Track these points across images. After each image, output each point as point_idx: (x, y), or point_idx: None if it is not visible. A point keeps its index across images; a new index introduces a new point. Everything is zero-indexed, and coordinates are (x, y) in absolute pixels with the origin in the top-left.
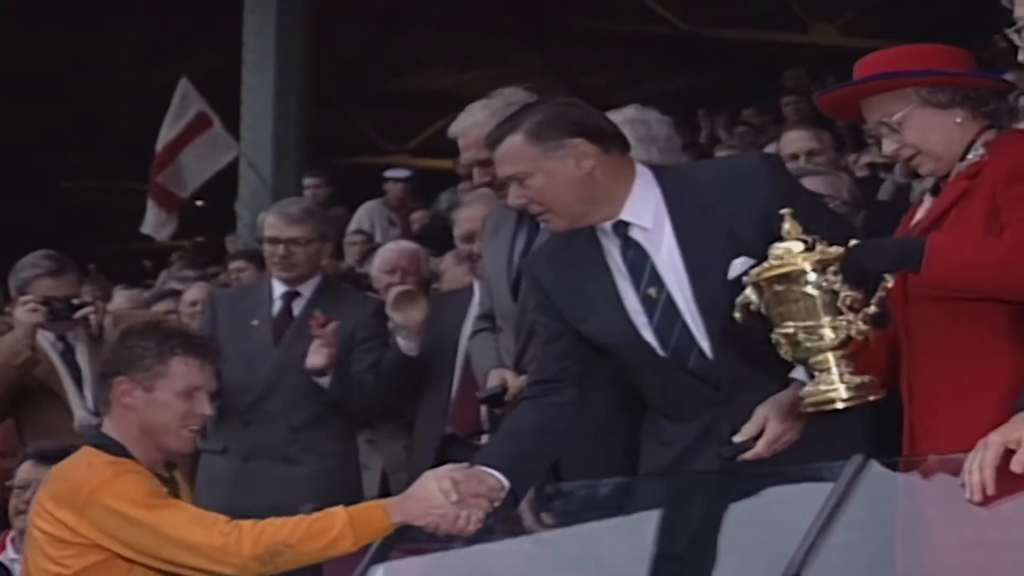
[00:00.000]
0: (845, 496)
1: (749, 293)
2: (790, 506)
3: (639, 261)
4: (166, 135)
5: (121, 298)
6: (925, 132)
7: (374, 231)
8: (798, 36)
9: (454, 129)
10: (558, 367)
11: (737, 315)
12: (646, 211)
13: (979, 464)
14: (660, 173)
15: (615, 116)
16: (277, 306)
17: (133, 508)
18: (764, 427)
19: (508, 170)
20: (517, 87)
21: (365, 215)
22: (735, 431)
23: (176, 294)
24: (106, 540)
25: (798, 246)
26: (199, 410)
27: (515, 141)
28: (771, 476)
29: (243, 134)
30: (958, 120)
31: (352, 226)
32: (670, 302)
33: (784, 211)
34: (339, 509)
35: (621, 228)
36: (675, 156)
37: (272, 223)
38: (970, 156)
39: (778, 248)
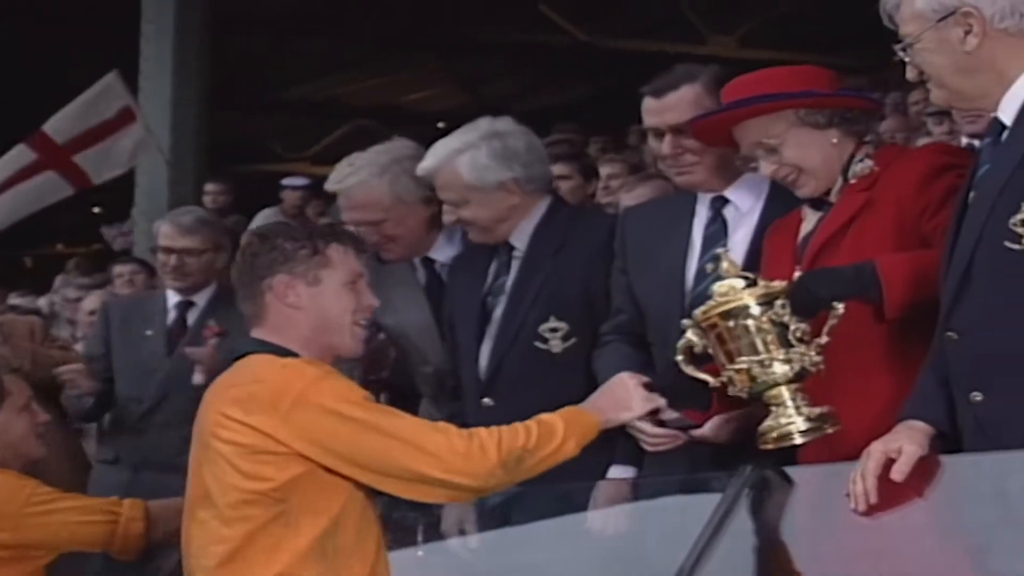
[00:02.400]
0: (734, 506)
1: (691, 336)
2: (680, 515)
3: (717, 236)
4: (80, 123)
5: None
6: (803, 151)
7: None
8: (696, 48)
9: (335, 185)
10: (627, 317)
11: (680, 358)
12: (749, 195)
13: (861, 473)
14: None
15: (467, 134)
16: (171, 316)
17: (353, 408)
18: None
19: (677, 118)
20: (402, 139)
21: (263, 223)
22: None
23: (13, 308)
24: (311, 448)
25: (740, 283)
26: (366, 301)
27: (694, 91)
28: (661, 485)
29: None
30: (834, 140)
31: None
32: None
33: (720, 251)
34: (548, 416)
35: (719, 202)
36: (542, 166)
37: (165, 232)
38: (856, 169)
39: (721, 286)
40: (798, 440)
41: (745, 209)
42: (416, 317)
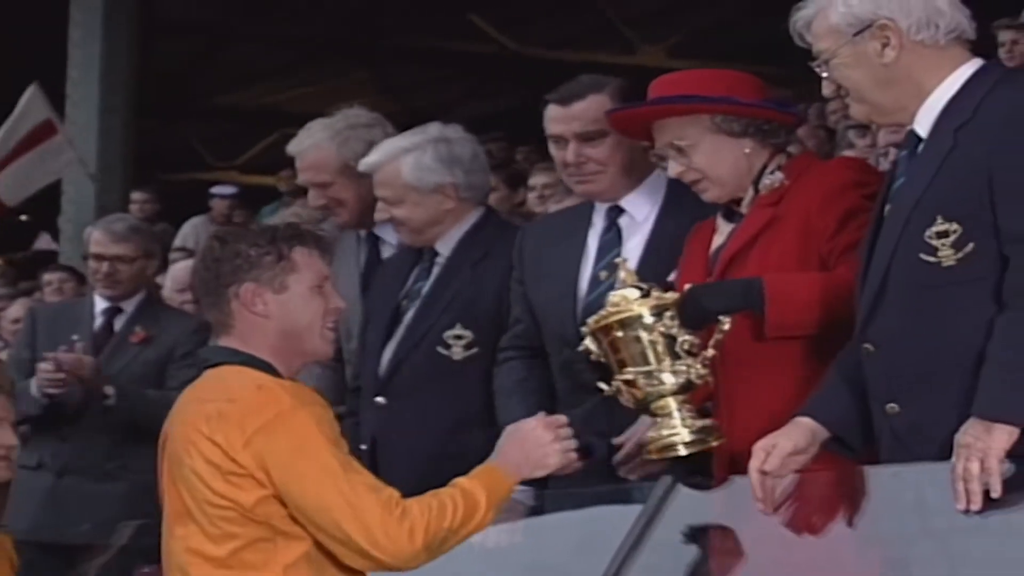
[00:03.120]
0: (655, 517)
1: (588, 343)
2: (601, 526)
3: (611, 245)
4: (4, 144)
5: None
6: (713, 158)
7: (199, 247)
8: (626, 58)
9: (293, 148)
10: (524, 327)
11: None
12: (645, 205)
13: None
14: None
15: (416, 136)
16: (98, 322)
17: (318, 448)
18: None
19: (582, 127)
20: (358, 106)
21: (191, 231)
22: (612, 426)
23: None
24: (263, 476)
25: (634, 293)
26: (333, 304)
27: (600, 100)
28: (583, 496)
29: None
30: (747, 150)
31: (177, 242)
32: (611, 289)
33: (618, 260)
34: (471, 485)
35: (614, 212)
36: (483, 176)
37: (97, 239)
38: (766, 181)
39: (615, 295)
40: (682, 452)
41: (640, 218)
42: (345, 291)
